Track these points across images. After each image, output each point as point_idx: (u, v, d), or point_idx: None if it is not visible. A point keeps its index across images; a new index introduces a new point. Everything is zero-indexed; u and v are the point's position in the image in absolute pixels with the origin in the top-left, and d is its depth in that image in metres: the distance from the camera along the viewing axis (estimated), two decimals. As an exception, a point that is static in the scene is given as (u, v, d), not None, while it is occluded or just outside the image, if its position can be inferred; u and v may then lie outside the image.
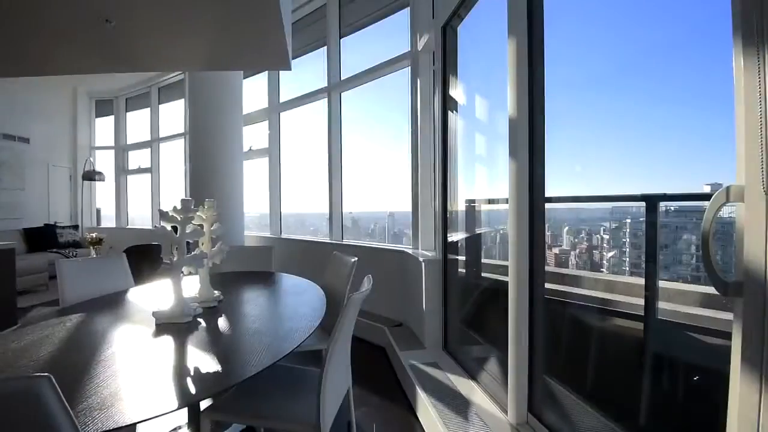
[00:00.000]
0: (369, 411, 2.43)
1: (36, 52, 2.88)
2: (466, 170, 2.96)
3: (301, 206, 5.87)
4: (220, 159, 4.91)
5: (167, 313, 1.63)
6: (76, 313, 1.81)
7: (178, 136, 7.29)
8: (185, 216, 1.70)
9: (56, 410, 0.73)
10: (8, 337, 1.47)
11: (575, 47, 2.06)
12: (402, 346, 3.01)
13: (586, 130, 2.04)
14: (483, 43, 2.77)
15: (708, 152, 1.51)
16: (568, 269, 2.30)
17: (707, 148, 1.52)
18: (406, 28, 3.83)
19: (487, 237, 2.88)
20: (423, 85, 3.44)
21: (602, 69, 1.95)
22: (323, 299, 2.02)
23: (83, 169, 7.41)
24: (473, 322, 2.77)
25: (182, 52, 2.97)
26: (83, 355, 1.31)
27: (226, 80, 4.93)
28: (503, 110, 2.31)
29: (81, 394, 1.02)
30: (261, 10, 2.29)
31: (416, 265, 3.21)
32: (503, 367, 2.11)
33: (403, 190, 4.22)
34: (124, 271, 2.44)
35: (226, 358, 1.30)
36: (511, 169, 1.84)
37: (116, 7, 2.23)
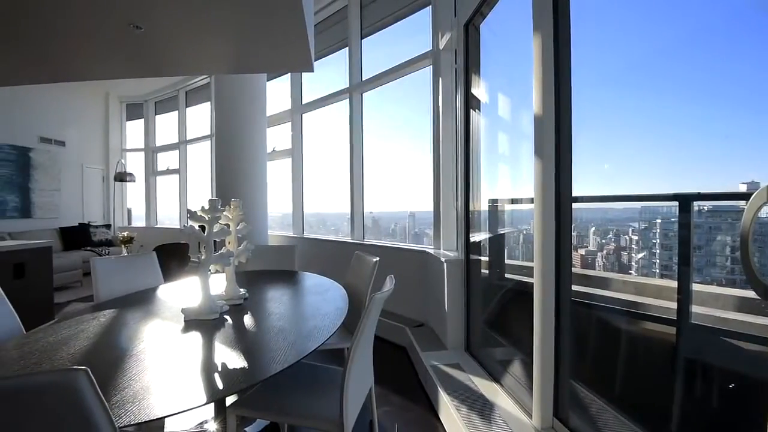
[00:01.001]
0: (391, 411, 2.42)
1: (69, 59, 3.01)
2: (489, 170, 2.92)
3: (322, 206, 5.93)
4: (245, 160, 5.01)
5: (195, 310, 1.68)
6: (109, 308, 1.88)
7: (205, 138, 7.48)
8: (213, 216, 1.74)
9: (92, 402, 0.76)
10: (46, 331, 1.54)
11: (604, 41, 2.00)
12: (423, 347, 3.00)
13: (615, 127, 1.98)
14: (506, 41, 2.73)
15: (744, 150, 1.44)
16: (595, 271, 2.24)
17: (743, 146, 1.45)
18: (427, 27, 3.81)
19: (511, 237, 2.84)
20: (445, 83, 3.41)
21: (633, 63, 1.88)
22: (345, 298, 2.03)
23: (115, 170, 7.71)
24: (496, 323, 2.73)
25: (208, 57, 3.04)
26: (116, 350, 1.36)
27: (250, 83, 5.03)
28: (527, 108, 2.26)
29: (114, 387, 1.06)
30: (285, 14, 2.32)
31: (438, 266, 3.19)
32: (527, 370, 2.07)
33: (424, 190, 4.20)
34: (155, 268, 2.53)
35: (252, 354, 1.32)
36: (537, 168, 1.80)
37: (145, 14, 2.30)
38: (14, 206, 6.54)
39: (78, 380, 0.73)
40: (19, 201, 6.63)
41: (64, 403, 0.75)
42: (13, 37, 2.56)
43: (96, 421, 0.78)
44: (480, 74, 2.92)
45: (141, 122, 8.77)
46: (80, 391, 0.74)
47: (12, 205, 6.51)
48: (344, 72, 4.93)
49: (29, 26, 2.42)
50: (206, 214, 1.74)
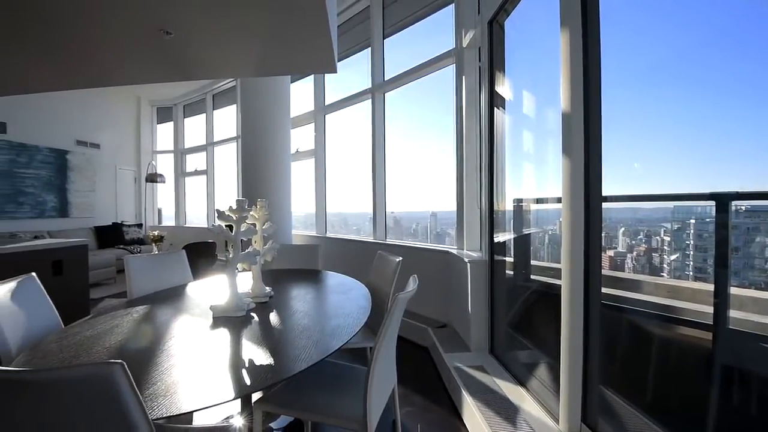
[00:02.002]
0: (413, 411, 2.42)
1: (103, 66, 3.14)
2: (513, 169, 2.87)
3: (344, 206, 5.97)
4: (270, 161, 5.10)
5: (223, 307, 1.72)
6: (141, 305, 1.95)
7: (231, 139, 7.66)
8: (240, 215, 1.78)
9: (128, 394, 0.79)
10: (83, 326, 1.61)
11: (635, 35, 1.94)
12: (446, 348, 2.97)
13: (646, 124, 1.91)
14: (531, 37, 2.67)
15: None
16: (624, 273, 2.17)
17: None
18: (450, 25, 3.78)
19: (536, 238, 2.78)
20: (468, 82, 3.38)
21: (665, 58, 1.81)
22: (368, 298, 2.04)
23: (146, 171, 7.99)
24: (521, 326, 2.68)
25: (234, 60, 3.11)
26: (148, 344, 1.41)
27: (274, 85, 5.11)
28: (554, 106, 2.21)
29: (147, 381, 1.10)
30: (309, 16, 2.35)
31: (461, 266, 3.16)
32: (554, 374, 2.03)
33: (446, 189, 4.17)
34: (184, 266, 2.61)
35: (278, 352, 1.34)
36: (565, 167, 1.75)
37: (175, 20, 2.38)
38: (53, 206, 6.87)
39: (115, 373, 0.76)
40: (57, 201, 6.96)
41: (101, 395, 0.78)
42: (53, 46, 2.69)
43: (131, 413, 0.81)
44: (504, 72, 2.87)
45: (171, 125, 9.06)
46: (117, 383, 0.77)
47: (51, 205, 6.84)
48: (366, 72, 4.95)
49: (67, 36, 2.54)
50: (234, 214, 1.78)
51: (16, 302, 1.56)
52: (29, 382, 0.76)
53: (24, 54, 2.83)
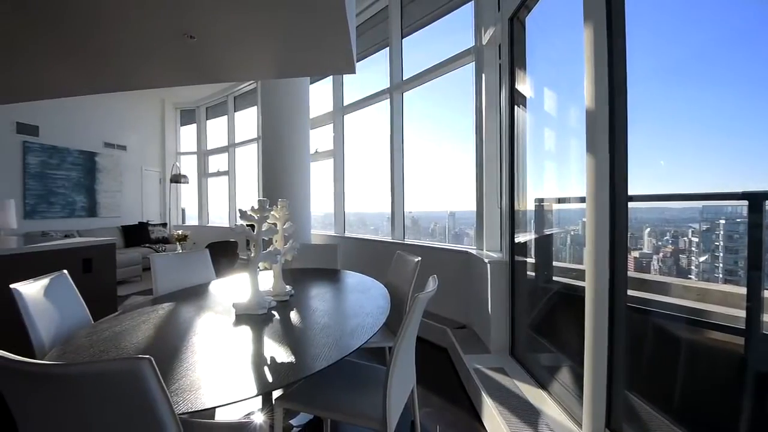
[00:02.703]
0: (432, 412, 2.40)
1: (130, 70, 3.24)
2: (535, 168, 2.82)
3: (361, 205, 5.99)
4: (289, 161, 5.16)
5: (245, 305, 1.75)
6: (166, 302, 2.00)
7: (252, 141, 7.79)
8: (262, 215, 1.81)
9: (155, 388, 0.81)
10: (112, 322, 1.67)
11: (662, 29, 1.88)
12: (466, 349, 2.95)
13: (673, 120, 1.84)
14: (553, 33, 2.62)
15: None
16: (650, 274, 2.10)
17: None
18: (468, 23, 3.74)
19: (558, 238, 2.72)
20: (488, 80, 3.34)
21: (694, 53, 1.75)
22: (387, 297, 2.04)
23: (170, 172, 8.20)
24: (543, 328, 2.63)
25: (255, 62, 3.16)
26: (174, 341, 1.45)
27: (294, 87, 5.17)
28: (576, 103, 2.16)
29: (173, 376, 1.12)
30: (329, 18, 2.37)
31: (481, 267, 3.13)
32: (577, 378, 1.98)
33: (465, 189, 4.13)
34: (207, 265, 2.66)
35: (298, 350, 1.35)
36: (589, 166, 1.71)
37: (198, 24, 2.43)
38: (82, 206, 7.13)
39: (143, 368, 0.78)
40: (87, 201, 7.22)
41: (130, 389, 0.80)
42: (82, 52, 2.79)
43: (158, 407, 0.83)
44: (525, 69, 2.82)
45: (194, 127, 9.28)
46: (145, 378, 0.79)
47: (80, 205, 7.10)
48: (385, 72, 4.95)
49: (96, 42, 2.63)
50: (256, 214, 1.81)
51: (49, 298, 1.63)
52: (63, 375, 0.79)
53: (55, 60, 2.95)
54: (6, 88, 3.65)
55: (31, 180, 6.27)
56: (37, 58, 2.88)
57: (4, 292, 1.49)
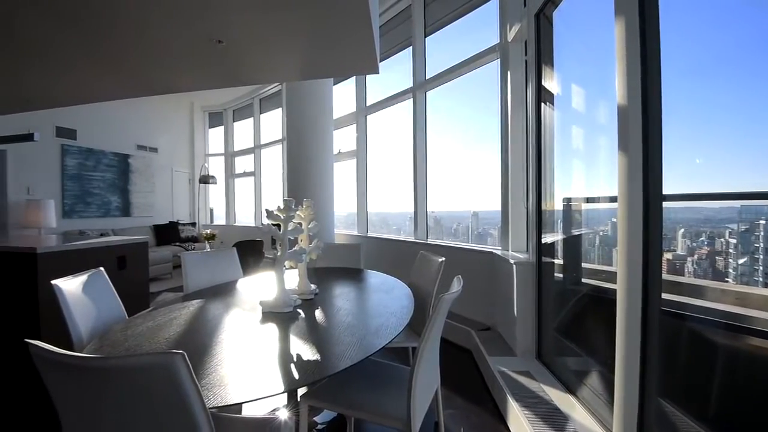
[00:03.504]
0: (456, 414, 2.38)
1: (160, 74, 3.35)
2: (562, 166, 2.75)
3: (384, 205, 6.00)
4: (313, 162, 5.22)
5: (271, 302, 1.78)
6: (196, 299, 2.06)
7: (277, 142, 7.93)
8: (288, 215, 1.83)
9: (187, 383, 0.84)
10: (145, 317, 1.73)
11: (698, 23, 1.79)
12: (490, 351, 2.90)
13: (710, 117, 1.76)
14: (582, 28, 2.55)
15: None
16: (684, 277, 2.01)
17: None
18: (493, 20, 3.69)
19: (587, 239, 2.65)
20: (514, 77, 3.28)
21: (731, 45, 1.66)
22: (411, 298, 2.03)
23: (199, 173, 8.44)
24: (571, 331, 2.56)
25: (281, 65, 3.21)
26: (204, 336, 1.49)
27: (318, 88, 5.23)
28: (606, 99, 2.10)
29: (203, 371, 1.15)
30: (353, 20, 2.38)
31: (506, 268, 3.07)
32: (607, 383, 1.92)
33: (488, 188, 4.08)
34: (235, 263, 2.73)
35: (323, 348, 1.36)
36: (621, 164, 1.65)
37: (226, 29, 2.49)
38: (116, 206, 7.44)
39: (176, 363, 0.81)
40: (121, 201, 7.53)
41: (164, 382, 0.83)
42: (116, 58, 2.91)
43: (190, 400, 0.85)
44: (553, 66, 2.76)
45: (221, 129, 9.53)
46: (178, 372, 0.81)
47: (115, 205, 7.41)
48: (407, 72, 4.94)
49: (130, 48, 2.74)
50: (282, 213, 1.84)
51: (87, 294, 1.70)
52: (101, 368, 0.82)
53: (92, 67, 3.08)
54: (47, 94, 3.85)
55: (69, 181, 6.58)
56: (75, 64, 3.02)
57: (47, 287, 1.57)
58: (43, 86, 3.58)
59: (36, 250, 2.51)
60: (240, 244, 4.63)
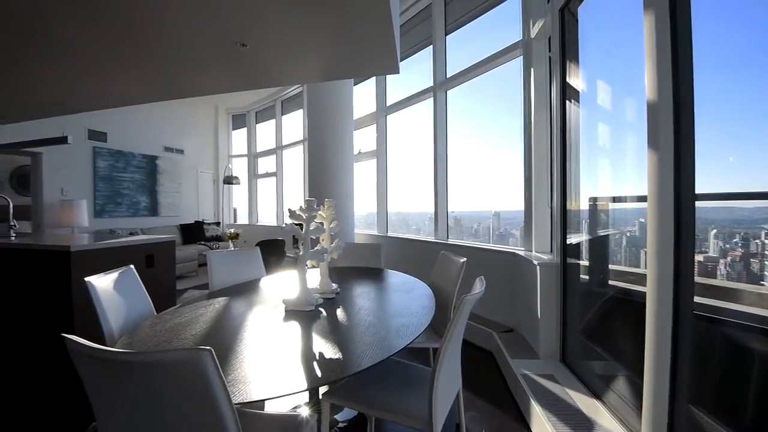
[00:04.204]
0: (477, 416, 2.35)
1: (186, 78, 3.44)
2: (588, 165, 2.68)
3: (403, 205, 5.99)
4: (334, 162, 5.26)
5: (294, 301, 1.80)
6: (221, 296, 2.11)
7: (298, 143, 8.03)
8: (310, 214, 1.85)
9: (214, 378, 0.85)
10: (173, 314, 1.78)
11: (734, 13, 1.72)
12: (513, 354, 2.86)
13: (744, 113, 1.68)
14: (609, 22, 2.48)
15: None
16: (716, 280, 1.92)
17: None
18: (515, 16, 3.64)
19: (614, 239, 2.57)
20: (537, 74, 3.22)
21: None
22: (432, 298, 2.02)
23: (223, 174, 8.63)
24: (597, 334, 2.49)
25: (303, 67, 3.24)
26: (229, 333, 1.52)
27: (338, 89, 5.27)
28: (634, 96, 2.04)
29: (228, 368, 1.18)
30: (374, 21, 2.39)
31: (529, 269, 3.02)
32: (635, 389, 1.86)
33: (510, 188, 4.02)
34: (258, 262, 2.78)
35: (345, 347, 1.37)
36: (651, 162, 1.60)
37: (250, 32, 2.54)
38: (145, 206, 7.69)
39: (204, 359, 0.83)
40: (149, 201, 7.78)
41: (192, 377, 0.85)
42: (145, 63, 3.01)
43: (217, 395, 0.87)
44: (578, 62, 2.69)
45: (244, 131, 9.72)
46: (205, 368, 0.83)
47: (143, 205, 7.66)
48: (428, 71, 4.92)
49: (157, 53, 2.83)
50: (304, 213, 1.86)
51: (118, 290, 1.76)
52: (131, 362, 0.85)
53: (121, 71, 3.20)
54: (79, 98, 4.02)
55: (100, 182, 6.84)
56: (106, 69, 3.14)
57: (80, 284, 1.64)
58: (75, 91, 3.73)
59: (70, 249, 2.62)
60: (262, 244, 4.71)
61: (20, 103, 4.05)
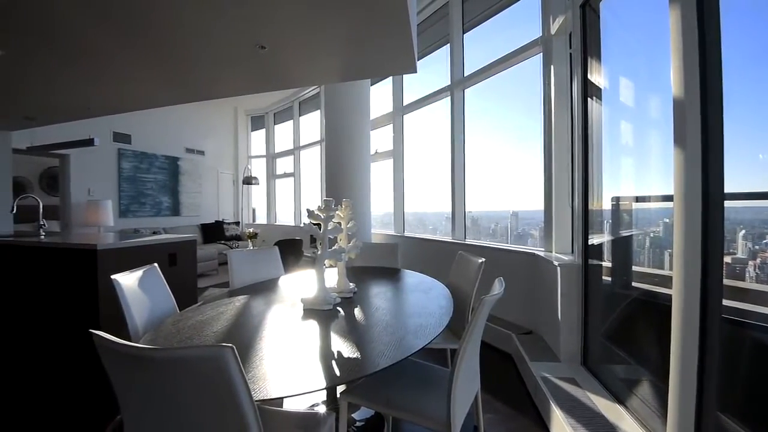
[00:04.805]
0: (496, 419, 2.33)
1: (207, 80, 3.52)
2: (611, 163, 2.61)
3: (419, 205, 5.97)
4: (351, 162, 5.29)
5: (312, 300, 1.82)
6: (241, 295, 2.15)
7: (315, 143, 8.09)
8: (328, 214, 1.87)
9: (236, 375, 0.87)
10: (195, 312, 1.81)
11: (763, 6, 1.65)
12: (532, 356, 2.81)
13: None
14: (632, 17, 2.42)
15: None
16: (745, 282, 1.85)
17: None
18: (533, 13, 3.58)
19: (637, 240, 2.50)
20: (558, 71, 3.16)
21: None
22: (450, 298, 2.01)
23: (243, 174, 8.78)
24: (620, 337, 2.43)
25: (321, 68, 3.27)
26: (249, 331, 1.54)
27: (355, 89, 5.29)
28: (659, 92, 1.98)
29: (248, 365, 1.20)
30: (392, 21, 2.39)
31: (550, 270, 2.97)
32: (660, 394, 1.81)
33: (528, 188, 3.96)
34: (277, 261, 2.81)
35: (363, 346, 1.38)
36: (678, 160, 1.55)
37: (270, 35, 2.57)
38: (167, 206, 7.88)
39: (226, 355, 0.84)
40: (171, 202, 7.97)
41: (214, 373, 0.86)
42: (167, 65, 3.08)
43: (238, 391, 0.88)
44: (600, 58, 2.63)
45: (263, 132, 9.86)
46: (228, 364, 0.85)
47: (166, 205, 7.85)
48: (444, 70, 4.89)
49: (179, 56, 2.89)
50: (322, 213, 1.87)
51: (142, 288, 1.81)
52: (156, 358, 0.87)
53: (145, 75, 3.29)
54: (105, 102, 4.14)
55: (125, 183, 7.05)
56: (131, 73, 3.23)
57: (106, 281, 1.69)
58: (101, 95, 3.86)
59: (96, 247, 2.71)
60: (281, 243, 4.77)
61: (47, 105, 4.21)
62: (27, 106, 4.16)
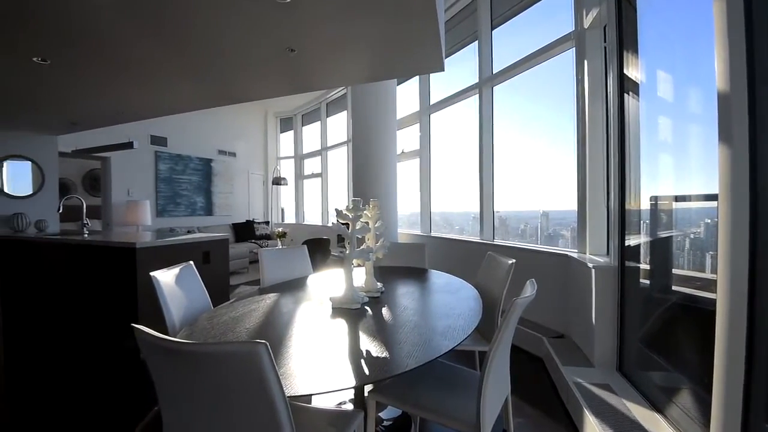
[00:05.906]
0: (526, 423, 2.28)
1: (239, 84, 3.62)
2: (649, 161, 2.50)
3: (445, 205, 5.92)
4: (377, 162, 5.30)
5: (341, 299, 1.84)
6: (272, 293, 2.19)
7: (342, 144, 8.18)
8: (356, 214, 1.88)
9: (269, 370, 0.89)
10: (228, 308, 1.87)
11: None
12: (564, 361, 2.73)
13: None
14: (670, 8, 2.31)
15: None
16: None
17: None
18: (565, 7, 3.48)
19: (677, 242, 2.38)
20: (592, 66, 3.05)
21: None
22: (479, 300, 1.98)
23: (272, 175, 8.98)
24: (659, 342, 2.32)
25: (348, 69, 3.30)
26: (279, 328, 1.58)
27: (382, 89, 5.30)
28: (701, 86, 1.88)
29: (279, 362, 1.22)
30: (420, 20, 2.37)
31: (583, 272, 2.87)
32: (702, 404, 1.72)
33: (560, 187, 3.85)
34: (306, 260, 2.86)
35: (392, 346, 1.38)
36: (723, 158, 1.46)
37: (299, 38, 2.61)
38: (201, 206, 8.17)
39: (260, 351, 0.87)
40: (204, 202, 8.26)
41: (248, 368, 0.89)
42: (202, 71, 3.20)
43: (271, 386, 0.91)
44: (637, 52, 2.52)
45: (291, 133, 10.06)
46: (261, 360, 0.87)
47: (200, 205, 8.14)
48: (472, 68, 4.83)
49: (214, 62, 2.99)
50: (351, 213, 1.89)
51: (179, 284, 1.89)
52: (193, 352, 0.90)
53: (181, 80, 3.42)
54: (144, 106, 4.34)
55: (162, 184, 7.36)
56: (168, 78, 3.37)
57: (144, 277, 1.77)
58: (142, 101, 4.04)
59: (135, 245, 2.84)
60: (309, 242, 4.85)
61: (91, 111, 4.44)
62: (72, 112, 4.41)
